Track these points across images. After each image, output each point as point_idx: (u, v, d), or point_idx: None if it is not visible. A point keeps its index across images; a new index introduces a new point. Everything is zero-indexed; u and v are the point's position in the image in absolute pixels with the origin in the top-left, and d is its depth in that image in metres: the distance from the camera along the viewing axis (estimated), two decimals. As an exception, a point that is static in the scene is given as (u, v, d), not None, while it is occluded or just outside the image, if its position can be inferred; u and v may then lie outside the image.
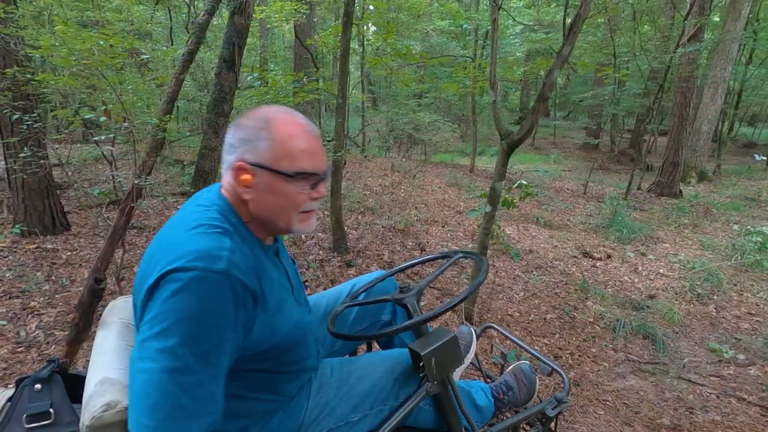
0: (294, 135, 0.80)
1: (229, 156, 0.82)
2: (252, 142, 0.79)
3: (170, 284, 0.68)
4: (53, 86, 3.47)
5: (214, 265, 0.68)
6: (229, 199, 0.83)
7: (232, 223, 0.80)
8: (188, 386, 0.66)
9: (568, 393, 1.26)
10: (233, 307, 0.70)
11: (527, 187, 4.65)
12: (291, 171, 0.79)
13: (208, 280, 0.67)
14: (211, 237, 0.73)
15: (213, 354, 0.68)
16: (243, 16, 2.39)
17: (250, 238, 0.82)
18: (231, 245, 0.73)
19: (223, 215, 0.80)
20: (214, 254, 0.70)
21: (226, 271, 0.69)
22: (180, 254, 0.70)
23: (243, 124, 0.81)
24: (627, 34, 8.83)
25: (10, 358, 2.04)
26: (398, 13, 8.10)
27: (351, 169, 6.91)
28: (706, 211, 6.18)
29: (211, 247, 0.71)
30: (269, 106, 0.84)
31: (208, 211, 0.79)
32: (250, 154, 0.79)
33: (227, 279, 0.69)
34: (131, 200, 2.12)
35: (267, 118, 0.80)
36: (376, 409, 0.97)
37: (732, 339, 2.85)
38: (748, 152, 12.41)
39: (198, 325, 0.66)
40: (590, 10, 2.50)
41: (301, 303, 0.97)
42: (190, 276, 0.67)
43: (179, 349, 0.65)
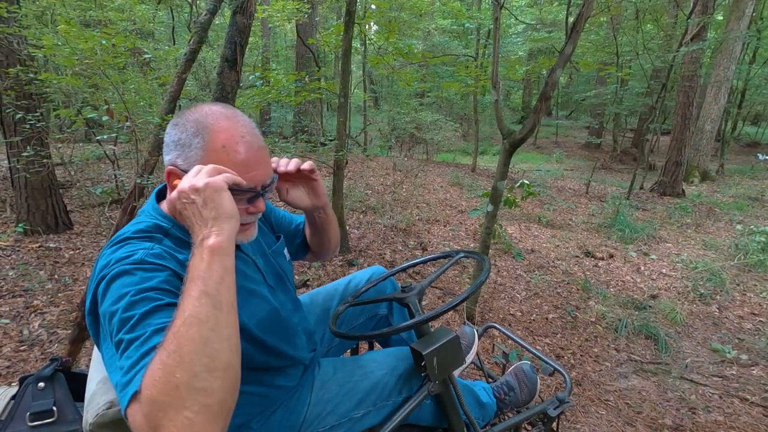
0: (229, 146, 0.74)
1: (165, 156, 0.78)
2: (184, 147, 0.75)
3: (99, 296, 0.68)
4: (56, 85, 3.49)
5: (128, 260, 0.68)
6: (167, 205, 0.81)
7: (165, 229, 0.78)
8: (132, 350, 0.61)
9: (569, 393, 1.26)
10: (159, 281, 0.67)
11: (529, 187, 4.65)
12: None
13: (124, 272, 0.67)
14: (130, 245, 0.72)
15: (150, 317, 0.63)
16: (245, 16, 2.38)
17: (190, 240, 0.77)
18: (150, 245, 0.72)
19: (153, 224, 0.78)
20: (128, 255, 0.69)
21: (140, 260, 0.68)
22: (100, 269, 0.70)
23: (179, 126, 0.77)
24: (630, 32, 8.80)
25: (14, 357, 2.05)
26: (400, 12, 8.09)
27: (353, 168, 6.92)
28: (709, 211, 6.16)
29: (127, 252, 0.70)
30: (211, 106, 0.78)
31: (138, 224, 0.78)
32: (181, 160, 0.75)
33: (143, 264, 0.68)
34: (133, 199, 2.13)
35: (203, 124, 0.75)
36: (379, 405, 0.97)
37: (735, 339, 2.84)
38: (751, 152, 12.36)
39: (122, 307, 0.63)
40: (593, 9, 2.49)
41: (282, 289, 0.96)
42: (108, 278, 0.67)
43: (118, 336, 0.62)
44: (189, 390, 0.54)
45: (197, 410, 0.54)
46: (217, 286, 0.62)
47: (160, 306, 0.64)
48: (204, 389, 0.55)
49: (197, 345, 0.56)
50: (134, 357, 0.59)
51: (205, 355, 0.56)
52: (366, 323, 1.24)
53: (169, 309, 0.64)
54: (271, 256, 0.97)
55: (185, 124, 0.76)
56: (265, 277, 0.91)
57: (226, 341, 0.60)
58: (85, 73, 3.27)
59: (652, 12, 9.23)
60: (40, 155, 3.09)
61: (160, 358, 0.56)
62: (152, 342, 0.60)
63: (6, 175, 4.06)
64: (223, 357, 0.59)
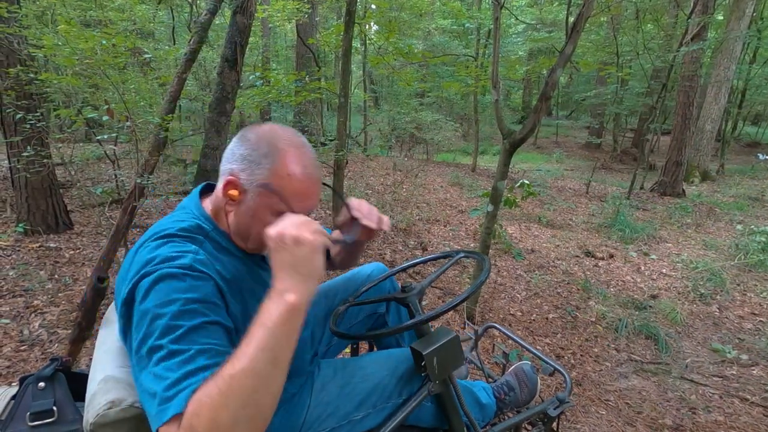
0: (294, 175, 0.78)
1: (227, 163, 0.81)
2: (252, 163, 0.78)
3: (139, 292, 0.69)
4: (56, 85, 3.49)
5: (176, 262, 0.70)
6: (211, 208, 0.84)
7: (206, 231, 0.80)
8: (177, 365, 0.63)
9: (570, 393, 1.26)
10: (205, 293, 0.70)
11: (529, 187, 4.64)
12: (278, 209, 0.78)
13: (172, 275, 0.69)
14: (175, 245, 0.74)
15: (196, 334, 0.65)
16: (245, 16, 2.39)
17: (227, 243, 0.82)
18: (195, 248, 0.75)
19: (195, 225, 0.80)
20: (176, 256, 0.71)
21: (189, 266, 0.70)
22: (144, 262, 0.72)
23: (250, 141, 0.79)
24: (630, 32, 8.79)
25: (14, 357, 2.05)
26: (400, 12, 8.09)
27: (353, 168, 6.92)
28: (710, 211, 6.16)
29: (174, 252, 0.72)
30: (284, 130, 0.82)
31: (181, 222, 0.80)
32: (245, 174, 0.78)
33: (191, 271, 0.70)
34: (134, 199, 2.13)
35: (275, 147, 0.78)
36: (379, 407, 0.97)
37: (735, 339, 2.84)
38: (751, 152, 12.35)
39: (170, 315, 0.65)
40: (593, 9, 2.49)
41: None
42: (154, 277, 0.69)
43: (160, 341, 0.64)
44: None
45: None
46: (282, 345, 0.66)
47: (207, 323, 0.67)
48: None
49: (247, 395, 0.60)
50: (176, 373, 0.62)
51: (252, 406, 0.61)
52: (365, 321, 1.25)
53: (215, 330, 0.68)
54: None
55: (258, 142, 0.79)
56: None
57: (272, 397, 0.64)
58: (85, 73, 3.27)
59: (653, 12, 9.23)
60: (41, 155, 3.09)
61: (209, 393, 0.59)
62: (196, 363, 0.63)
63: (6, 175, 4.07)
64: (266, 411, 0.63)
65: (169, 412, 0.59)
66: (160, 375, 0.62)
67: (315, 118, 8.88)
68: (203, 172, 2.55)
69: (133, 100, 3.40)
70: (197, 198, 0.87)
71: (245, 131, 0.82)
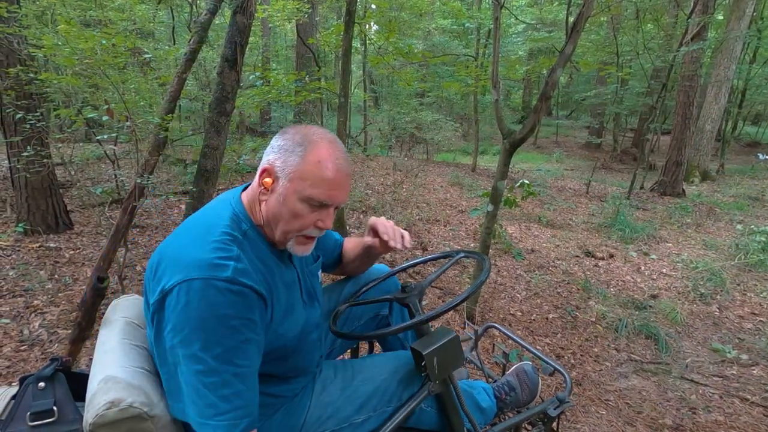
0: (324, 162, 0.82)
1: (266, 155, 0.86)
2: (286, 152, 0.83)
3: (180, 295, 0.72)
4: (56, 85, 3.48)
5: (220, 273, 0.72)
6: (246, 201, 0.88)
7: (243, 230, 0.83)
8: (214, 386, 0.71)
9: (570, 393, 1.26)
10: (245, 310, 0.73)
11: (529, 187, 4.64)
12: (306, 195, 0.82)
13: (215, 287, 0.71)
14: (218, 247, 0.76)
15: (233, 355, 0.72)
16: (245, 15, 2.38)
17: (262, 242, 0.86)
18: (238, 253, 0.77)
19: (234, 222, 0.83)
20: (219, 264, 0.73)
21: (231, 279, 0.72)
22: (188, 264, 0.73)
23: (288, 134, 0.85)
24: (630, 32, 8.79)
25: (14, 357, 2.05)
26: (400, 11, 8.09)
27: (353, 168, 6.90)
28: (710, 211, 6.16)
29: (217, 257, 0.74)
30: (319, 128, 0.87)
31: (221, 219, 0.83)
32: (280, 162, 0.83)
33: (233, 285, 0.72)
34: (134, 199, 2.13)
35: (309, 139, 0.83)
36: (380, 410, 0.97)
37: (735, 339, 2.84)
38: (751, 151, 12.35)
39: (212, 330, 0.70)
40: (593, 9, 2.49)
41: (311, 306, 0.99)
42: (198, 285, 0.71)
43: (200, 353, 0.70)
44: None
45: None
46: None
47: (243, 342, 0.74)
48: None
49: None
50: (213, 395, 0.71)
51: None
52: (368, 323, 1.24)
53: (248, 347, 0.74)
54: (308, 274, 1.01)
55: (294, 135, 0.84)
56: (302, 292, 0.95)
57: None
58: (85, 73, 3.27)
59: (653, 12, 9.23)
60: (41, 155, 3.09)
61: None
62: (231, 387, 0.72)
63: (6, 175, 4.06)
64: None
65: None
66: (198, 390, 0.70)
67: (315, 118, 8.88)
68: (203, 172, 2.55)
69: (133, 100, 3.40)
70: (239, 193, 0.90)
71: (285, 128, 0.88)
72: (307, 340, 0.95)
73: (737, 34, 7.43)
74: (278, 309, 0.84)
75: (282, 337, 0.85)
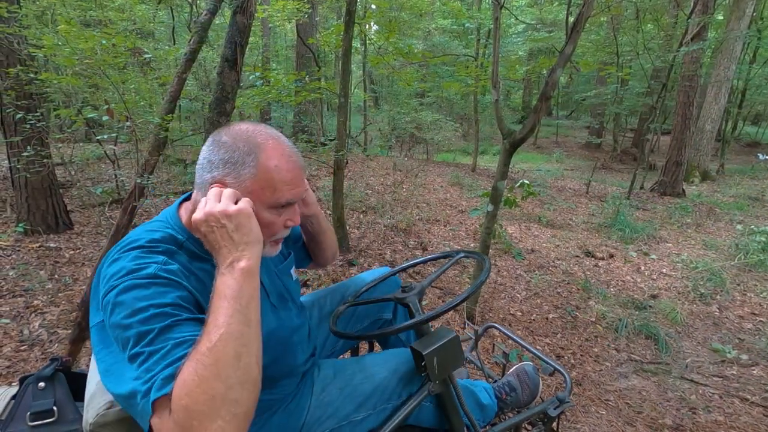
0: (280, 166, 0.77)
1: (206, 173, 0.78)
2: (236, 165, 0.76)
3: (107, 306, 0.68)
4: (56, 85, 3.49)
5: (141, 272, 0.69)
6: (185, 216, 0.82)
7: (180, 242, 0.78)
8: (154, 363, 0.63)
9: (570, 393, 1.26)
10: (173, 297, 0.68)
11: (529, 187, 4.64)
12: (271, 202, 0.78)
13: (136, 285, 0.67)
14: (144, 257, 0.72)
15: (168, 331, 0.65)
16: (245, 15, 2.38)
17: (202, 253, 0.78)
18: (164, 259, 0.73)
19: (170, 235, 0.78)
20: (139, 267, 0.70)
21: (153, 274, 0.69)
22: (110, 275, 0.70)
23: (227, 144, 0.77)
24: (630, 32, 8.79)
25: (14, 357, 2.05)
26: (400, 12, 8.09)
27: (353, 168, 6.92)
28: (710, 211, 6.16)
29: (137, 264, 0.70)
30: (255, 126, 0.81)
31: (153, 233, 0.78)
32: (231, 178, 0.76)
33: (155, 279, 0.69)
34: (134, 199, 2.13)
35: (254, 143, 0.77)
36: (380, 408, 0.97)
37: (735, 339, 2.84)
38: (751, 151, 12.36)
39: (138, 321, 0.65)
40: (593, 9, 2.49)
41: (283, 308, 0.95)
42: (119, 290, 0.67)
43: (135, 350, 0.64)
44: (224, 401, 0.59)
45: (229, 419, 0.58)
46: (248, 305, 0.66)
47: (179, 321, 0.66)
48: (236, 400, 0.60)
49: (232, 359, 0.61)
50: (157, 368, 0.62)
51: (239, 368, 0.61)
52: (369, 327, 1.24)
53: (187, 324, 0.67)
54: (276, 275, 0.97)
55: (235, 143, 0.77)
56: (268, 295, 0.92)
57: (255, 356, 0.64)
58: (85, 73, 3.27)
59: (653, 12, 9.23)
60: (41, 155, 3.09)
61: (195, 371, 0.59)
62: (174, 354, 0.62)
63: (6, 175, 4.07)
64: (253, 371, 0.63)
65: (152, 398, 0.59)
66: (139, 376, 0.62)
67: (315, 118, 8.88)
68: (203, 172, 2.55)
69: (133, 100, 3.40)
70: (175, 209, 0.85)
71: (215, 137, 0.79)
72: (288, 343, 0.92)
73: (737, 34, 7.43)
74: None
75: None
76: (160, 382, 0.60)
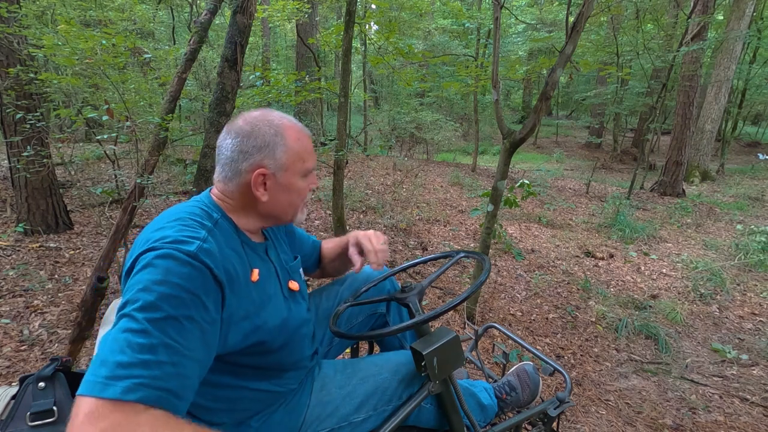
0: (301, 139, 0.90)
1: (241, 163, 0.85)
2: (269, 148, 0.85)
3: (141, 262, 0.70)
4: (56, 85, 3.49)
5: (183, 247, 0.71)
6: (217, 198, 0.89)
7: (215, 219, 0.83)
8: (139, 348, 0.62)
9: (570, 393, 1.26)
10: (198, 287, 0.70)
11: (529, 187, 4.64)
12: (303, 170, 0.90)
13: (175, 258, 0.70)
14: (187, 228, 0.76)
15: (170, 326, 0.66)
16: (245, 15, 2.39)
17: (236, 233, 0.86)
18: (205, 236, 0.76)
19: (206, 212, 0.84)
20: (185, 239, 0.73)
21: (194, 254, 0.71)
22: (154, 239, 0.73)
23: (252, 133, 0.85)
24: (630, 32, 8.79)
25: (14, 357, 2.05)
26: (400, 11, 8.09)
27: (353, 168, 6.92)
28: (710, 211, 6.16)
29: (184, 235, 0.74)
30: (262, 111, 0.89)
31: (192, 207, 0.83)
32: (269, 160, 0.85)
33: (194, 261, 0.71)
34: (134, 199, 2.13)
35: (277, 125, 0.87)
36: (380, 409, 0.97)
37: (735, 339, 2.84)
38: (751, 151, 12.36)
39: (158, 294, 0.66)
40: (593, 9, 2.49)
41: (293, 301, 0.97)
42: (159, 253, 0.70)
43: (138, 313, 0.65)
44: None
45: None
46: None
47: (186, 318, 0.68)
48: None
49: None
50: (135, 356, 0.61)
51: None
52: (365, 321, 1.24)
53: (190, 326, 0.68)
54: (288, 271, 1.01)
55: (260, 130, 0.85)
56: (282, 286, 0.95)
57: None
58: (85, 72, 3.27)
59: (653, 12, 9.23)
60: (41, 155, 3.10)
61: (161, 419, 0.60)
62: (156, 355, 0.63)
63: (6, 175, 4.07)
64: None
65: (109, 391, 0.57)
66: (120, 348, 0.61)
67: (315, 118, 8.89)
68: (203, 172, 2.55)
69: (133, 100, 3.40)
70: (208, 192, 0.92)
71: (234, 129, 0.87)
72: (296, 334, 0.94)
73: (737, 34, 7.43)
74: (246, 300, 0.81)
75: (262, 328, 0.83)
76: (129, 388, 0.58)
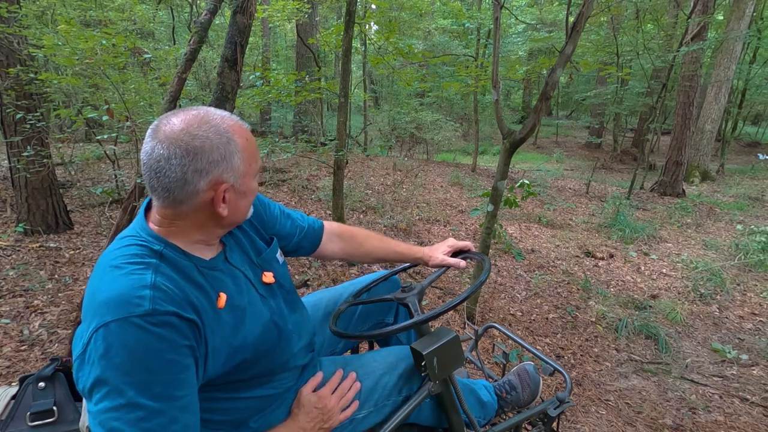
0: (248, 138, 0.81)
1: (198, 182, 0.73)
2: (226, 159, 0.75)
3: (98, 343, 0.64)
4: (56, 85, 3.49)
5: (136, 310, 0.65)
6: (156, 225, 0.79)
7: (157, 251, 0.74)
8: (162, 427, 0.64)
9: (570, 393, 1.26)
10: (176, 338, 0.67)
11: (529, 187, 4.63)
12: (255, 170, 0.84)
13: (135, 325, 0.64)
14: (129, 277, 0.69)
15: (172, 388, 0.66)
16: (245, 15, 2.38)
17: (186, 259, 0.77)
18: (153, 279, 0.69)
19: (145, 247, 0.75)
20: (134, 297, 0.66)
21: (150, 312, 0.66)
22: (101, 305, 0.67)
23: (204, 146, 0.72)
24: (630, 32, 8.79)
25: (14, 357, 2.05)
26: (400, 11, 8.09)
27: (353, 168, 6.92)
28: (710, 211, 6.16)
29: (130, 290, 0.67)
30: (203, 114, 0.76)
31: (126, 248, 0.74)
32: (228, 173, 0.76)
33: (154, 317, 0.66)
34: (134, 199, 2.13)
35: (224, 130, 0.75)
36: (380, 405, 0.97)
37: (735, 339, 2.84)
38: (751, 151, 12.37)
39: (144, 371, 0.64)
40: (593, 9, 2.49)
41: (271, 296, 0.93)
42: (115, 328, 0.64)
43: (137, 399, 0.63)
44: None
45: None
46: None
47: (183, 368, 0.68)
48: None
49: None
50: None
51: None
52: (371, 329, 1.24)
53: (187, 373, 0.69)
54: (259, 265, 0.94)
55: (210, 140, 0.73)
56: (255, 286, 0.89)
57: None
58: (85, 73, 3.27)
59: (653, 12, 9.23)
60: (41, 155, 3.10)
61: None
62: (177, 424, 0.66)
63: (6, 175, 4.07)
64: None
65: None
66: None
67: (315, 118, 8.89)
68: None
69: (133, 100, 3.40)
70: (142, 219, 0.81)
71: (172, 144, 0.71)
72: (281, 331, 0.90)
73: (737, 34, 7.43)
74: (218, 328, 0.76)
75: (243, 347, 0.80)
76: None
